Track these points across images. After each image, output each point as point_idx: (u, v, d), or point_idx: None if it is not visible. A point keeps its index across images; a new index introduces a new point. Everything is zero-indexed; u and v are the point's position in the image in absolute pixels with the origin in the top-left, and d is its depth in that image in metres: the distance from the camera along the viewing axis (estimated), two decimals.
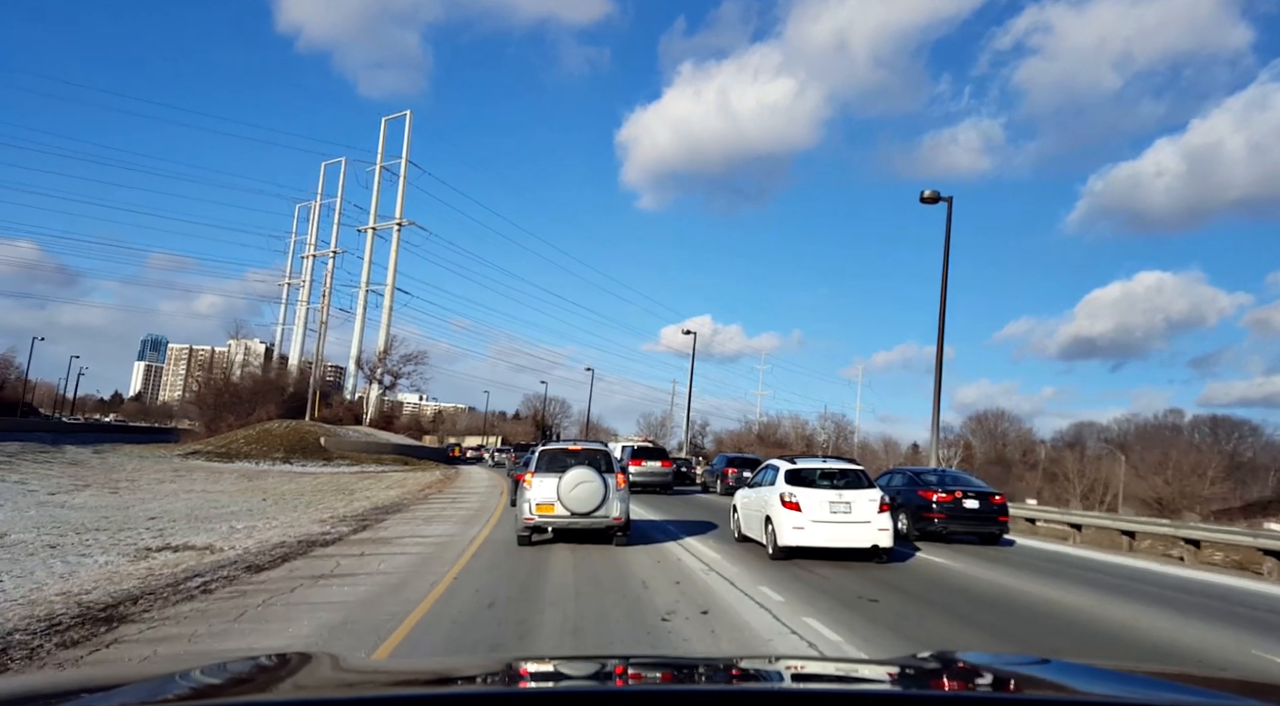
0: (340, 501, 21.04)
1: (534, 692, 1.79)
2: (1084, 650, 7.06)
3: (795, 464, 13.36)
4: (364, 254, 78.80)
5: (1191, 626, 8.41)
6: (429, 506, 20.03)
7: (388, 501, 21.25)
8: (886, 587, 9.96)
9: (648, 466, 28.49)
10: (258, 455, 40.56)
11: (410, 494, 25.52)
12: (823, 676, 2.39)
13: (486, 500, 22.33)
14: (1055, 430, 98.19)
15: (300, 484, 29.26)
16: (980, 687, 1.89)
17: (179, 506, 18.59)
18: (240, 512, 16.95)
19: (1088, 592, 10.36)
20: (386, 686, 1.93)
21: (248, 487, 26.21)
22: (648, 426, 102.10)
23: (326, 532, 13.29)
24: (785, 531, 11.93)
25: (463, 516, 17.22)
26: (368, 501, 21.32)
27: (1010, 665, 2.22)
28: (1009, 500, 16.99)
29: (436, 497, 22.92)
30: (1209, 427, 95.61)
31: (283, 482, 29.64)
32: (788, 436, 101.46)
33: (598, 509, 11.82)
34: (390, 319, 75.55)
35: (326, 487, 27.19)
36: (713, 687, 1.81)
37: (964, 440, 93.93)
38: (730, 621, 7.47)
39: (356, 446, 45.75)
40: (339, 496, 22.83)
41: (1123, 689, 1.95)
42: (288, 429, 44.69)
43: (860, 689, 1.89)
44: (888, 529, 12.12)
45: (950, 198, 21.81)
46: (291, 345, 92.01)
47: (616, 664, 2.24)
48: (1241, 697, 1.90)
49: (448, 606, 7.55)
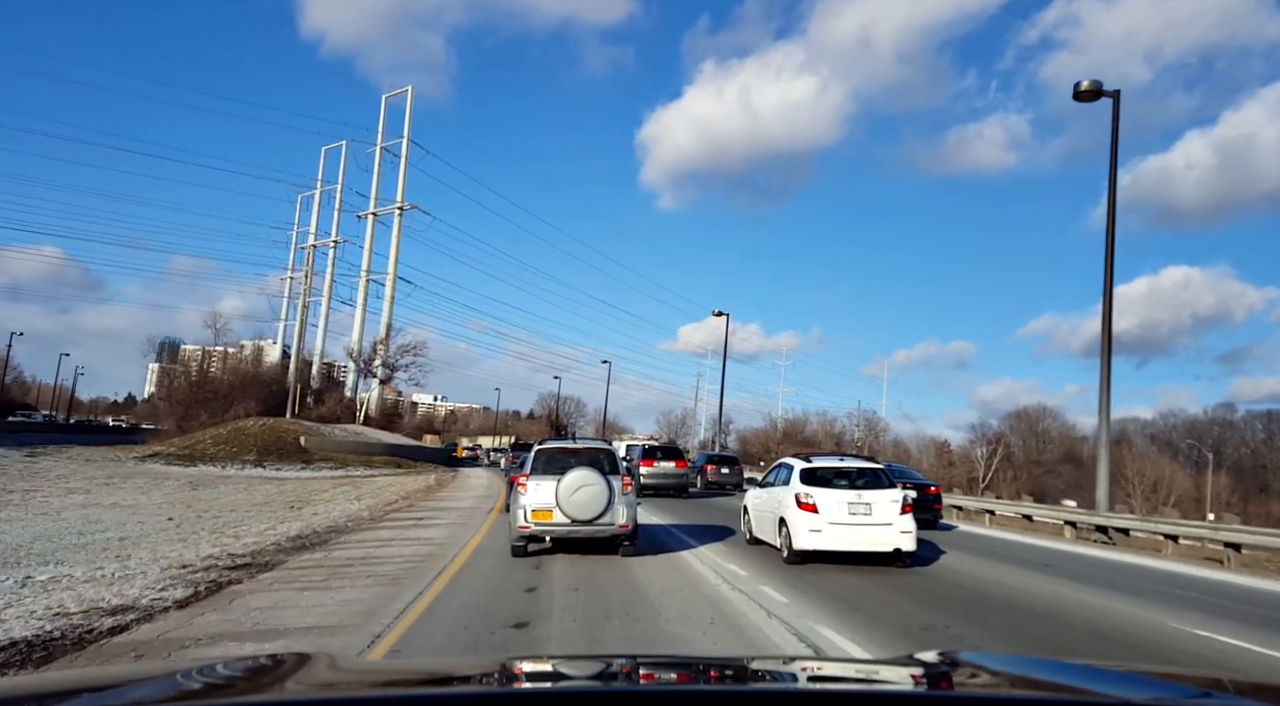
0: (274, 521, 15.70)
1: (537, 692, 1.77)
2: None
3: (811, 462, 12.63)
4: (364, 241, 73.92)
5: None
6: (391, 526, 14.72)
7: (342, 519, 15.99)
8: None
9: (661, 467, 26.62)
10: (226, 457, 35.40)
11: (384, 504, 20.28)
12: (826, 676, 2.34)
13: (470, 517, 17.00)
14: (1095, 426, 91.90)
15: (254, 493, 23.99)
16: (982, 687, 1.87)
17: (34, 532, 13.28)
18: (94, 544, 11.57)
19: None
20: (388, 686, 1.90)
21: (179, 499, 20.95)
22: (668, 425, 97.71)
23: (136, 602, 7.83)
24: (801, 534, 11.38)
25: (412, 557, 11.79)
26: (317, 518, 16.08)
27: (1012, 665, 2.25)
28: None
29: (402, 514, 17.56)
30: (1262, 424, 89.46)
31: (233, 491, 24.40)
32: (816, 434, 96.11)
33: (601, 515, 10.76)
34: (392, 309, 70.53)
35: (281, 498, 21.90)
36: (718, 688, 1.79)
37: (1001, 437, 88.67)
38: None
39: (342, 447, 40.51)
40: (279, 512, 17.48)
41: (1124, 688, 1.90)
42: (263, 427, 39.44)
43: (864, 689, 1.88)
44: (910, 531, 11.49)
45: (1117, 92, 16.23)
46: (294, 341, 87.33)
47: (622, 663, 2.19)
48: (1241, 697, 1.87)
49: None
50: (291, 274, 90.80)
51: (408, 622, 7.02)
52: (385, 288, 71.72)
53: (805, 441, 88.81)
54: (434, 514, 17.82)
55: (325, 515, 16.69)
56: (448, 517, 16.90)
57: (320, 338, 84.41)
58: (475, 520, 16.38)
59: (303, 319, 46.09)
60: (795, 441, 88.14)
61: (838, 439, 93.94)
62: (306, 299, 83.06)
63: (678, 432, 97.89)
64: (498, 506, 19.52)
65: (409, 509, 19.04)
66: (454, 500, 22.66)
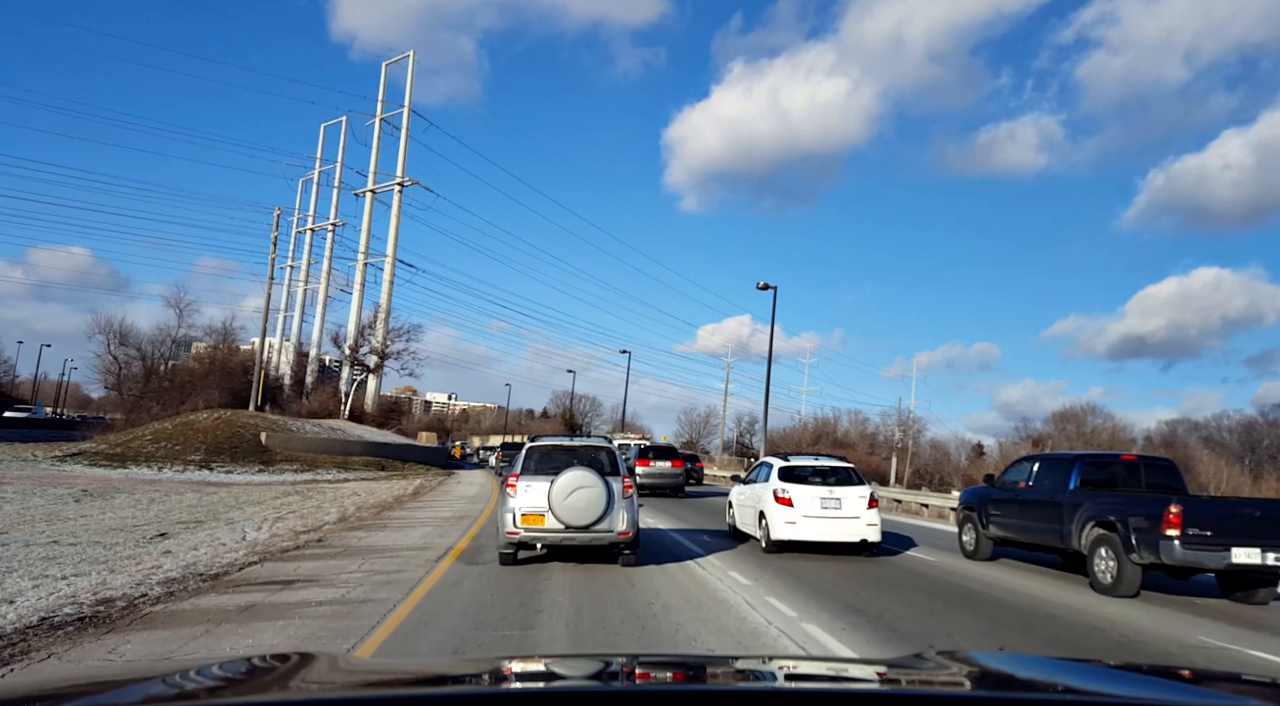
0: (72, 570, 9.31)
1: (537, 692, 1.74)
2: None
3: (789, 461, 13.89)
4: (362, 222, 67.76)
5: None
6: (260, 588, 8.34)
7: (204, 562, 9.69)
8: None
9: (656, 467, 26.65)
10: (166, 457, 29.15)
11: (311, 528, 14.04)
12: (826, 676, 2.29)
13: (424, 551, 10.57)
14: (1143, 428, 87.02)
15: (149, 509, 17.70)
16: (983, 687, 1.85)
17: None
18: None
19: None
20: (388, 686, 1.85)
21: (30, 517, 14.65)
22: (690, 424, 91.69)
23: None
24: (778, 526, 12.49)
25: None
26: (160, 567, 9.81)
27: (1012, 664, 2.21)
28: None
29: (314, 552, 11.12)
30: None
31: (126, 505, 18.12)
32: (848, 435, 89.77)
33: (598, 521, 9.81)
34: (391, 293, 64.29)
35: (168, 518, 15.58)
36: (716, 688, 1.77)
37: (1048, 437, 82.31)
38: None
39: (314, 446, 34.17)
40: (118, 549, 11.07)
41: (1124, 687, 1.93)
42: (216, 421, 32.99)
43: (864, 688, 1.85)
44: (876, 524, 12.66)
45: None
46: (292, 332, 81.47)
47: (622, 663, 2.17)
48: (1241, 697, 1.83)
49: None
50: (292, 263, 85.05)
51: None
52: (385, 272, 65.75)
53: (837, 442, 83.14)
54: (364, 554, 11.33)
55: (181, 558, 10.27)
56: (376, 564, 10.43)
57: (317, 327, 78.43)
58: (411, 570, 9.93)
59: (267, 302, 39.65)
60: (828, 442, 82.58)
61: (871, 440, 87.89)
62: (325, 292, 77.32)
63: (700, 433, 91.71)
64: (467, 538, 13.08)
65: (345, 534, 12.64)
66: (428, 515, 16.20)
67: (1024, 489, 12.99)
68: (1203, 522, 10.00)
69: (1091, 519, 11.10)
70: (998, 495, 13.55)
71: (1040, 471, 12.84)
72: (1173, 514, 9.94)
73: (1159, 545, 9.93)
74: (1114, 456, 14.37)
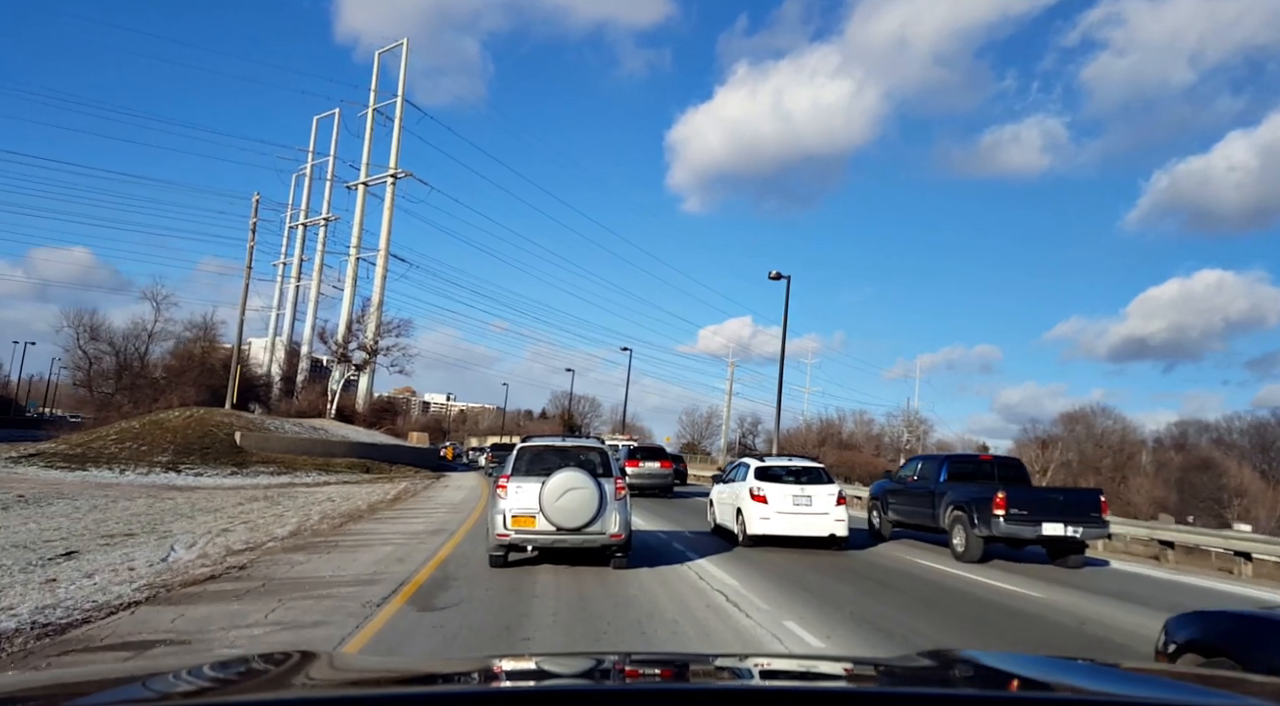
0: None
1: (537, 691, 1.72)
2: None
3: (764, 461, 14.87)
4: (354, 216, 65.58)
5: None
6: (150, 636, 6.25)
7: (121, 597, 7.58)
8: None
9: (646, 468, 26.92)
10: (131, 458, 27.02)
11: (259, 543, 11.96)
12: (820, 675, 2.22)
13: (368, 586, 8.43)
14: (1152, 430, 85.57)
15: (84, 519, 15.58)
16: (982, 686, 1.83)
17: None
18: None
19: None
20: (387, 685, 1.83)
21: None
22: (691, 425, 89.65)
23: None
24: (754, 522, 13.43)
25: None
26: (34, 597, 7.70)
27: (1011, 663, 2.16)
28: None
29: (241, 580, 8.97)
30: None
31: (63, 513, 15.99)
32: (853, 436, 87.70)
33: (590, 523, 9.65)
34: (383, 288, 62.11)
35: (100, 530, 13.46)
36: (709, 686, 1.74)
37: (1057, 440, 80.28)
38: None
39: (292, 446, 32.01)
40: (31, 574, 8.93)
41: (1124, 687, 1.90)
42: (187, 420, 30.81)
43: (859, 688, 1.82)
44: (844, 520, 13.59)
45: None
46: (283, 330, 79.22)
47: (615, 661, 2.17)
48: (1241, 697, 1.81)
49: None
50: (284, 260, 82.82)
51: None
52: (377, 266, 63.60)
53: (842, 444, 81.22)
54: (285, 592, 9.15)
55: (56, 592, 8.11)
56: (292, 610, 8.26)
57: (309, 324, 76.14)
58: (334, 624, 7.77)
59: (244, 293, 37.48)
60: (833, 443, 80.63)
61: (877, 442, 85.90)
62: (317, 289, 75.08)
63: (702, 434, 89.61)
64: (434, 562, 10.95)
65: (284, 555, 10.49)
66: (385, 533, 14.05)
67: (912, 481, 15.96)
68: (1021, 505, 13.21)
69: (951, 503, 14.11)
70: (893, 486, 16.57)
71: (923, 467, 16.03)
72: (999, 498, 13.10)
73: (991, 521, 13.11)
74: (974, 456, 18.72)
